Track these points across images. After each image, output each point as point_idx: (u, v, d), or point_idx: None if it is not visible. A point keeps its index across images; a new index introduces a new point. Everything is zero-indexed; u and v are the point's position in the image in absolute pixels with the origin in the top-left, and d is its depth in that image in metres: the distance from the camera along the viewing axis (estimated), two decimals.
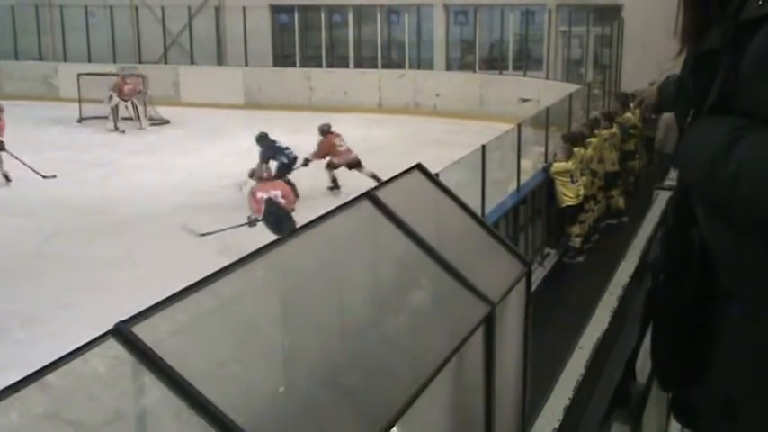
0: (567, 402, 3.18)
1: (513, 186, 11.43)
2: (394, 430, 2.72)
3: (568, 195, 12.29)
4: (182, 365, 2.21)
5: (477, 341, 3.57)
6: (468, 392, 3.67)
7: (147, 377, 2.20)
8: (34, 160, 17.39)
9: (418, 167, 4.16)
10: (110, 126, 21.18)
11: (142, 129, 21.39)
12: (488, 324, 3.62)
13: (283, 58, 26.42)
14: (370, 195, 3.52)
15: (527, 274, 4.35)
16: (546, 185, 12.49)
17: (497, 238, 4.44)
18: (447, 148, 13.62)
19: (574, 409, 3.16)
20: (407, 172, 4.06)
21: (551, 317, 8.02)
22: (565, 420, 3.05)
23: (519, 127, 11.66)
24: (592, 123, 14.35)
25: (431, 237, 3.69)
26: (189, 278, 2.62)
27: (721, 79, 1.24)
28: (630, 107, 14.52)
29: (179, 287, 2.48)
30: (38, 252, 11.91)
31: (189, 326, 2.43)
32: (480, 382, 3.69)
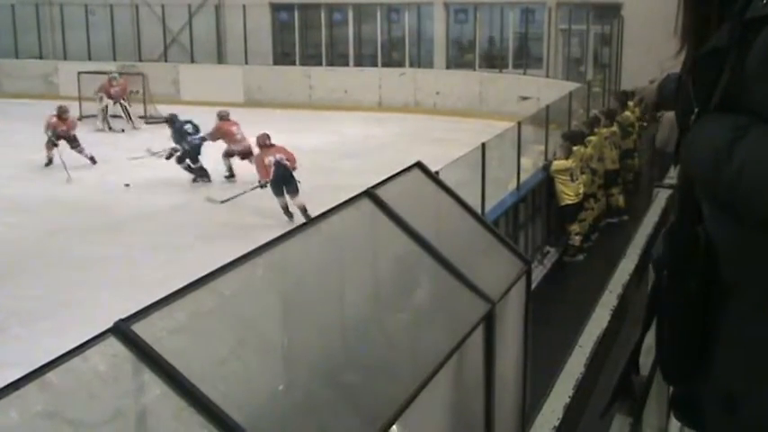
0: (567, 400, 3.18)
1: (513, 185, 11.43)
2: (394, 428, 2.72)
3: (568, 194, 12.28)
4: (181, 363, 2.21)
5: (477, 339, 3.57)
6: (468, 390, 3.67)
7: (147, 375, 2.20)
8: (35, 159, 17.38)
9: (418, 165, 4.16)
10: (99, 125, 21.26)
11: (135, 128, 21.34)
12: (488, 322, 3.62)
13: (283, 57, 26.41)
14: (369, 193, 3.53)
15: (527, 273, 4.35)
16: (546, 184, 12.48)
17: (497, 237, 4.44)
18: (447, 147, 13.61)
19: (574, 408, 3.16)
20: (407, 170, 4.06)
21: (551, 315, 8.02)
22: (565, 418, 3.04)
23: (519, 125, 11.65)
24: (592, 121, 14.34)
25: (431, 235, 3.69)
26: (188, 277, 2.62)
27: (726, 78, 1.24)
28: (630, 105, 14.51)
29: (178, 285, 2.48)
30: (37, 250, 11.91)
31: (188, 324, 2.43)
32: (480, 380, 3.69)
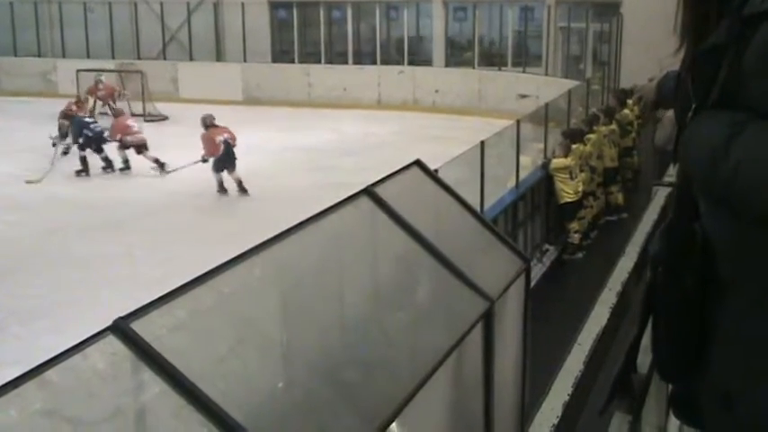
0: (567, 398, 3.19)
1: (513, 182, 11.43)
2: (393, 427, 2.73)
3: (567, 192, 12.28)
4: (181, 362, 2.21)
5: (476, 337, 3.57)
6: (467, 388, 3.67)
7: (146, 373, 2.20)
8: (33, 157, 17.37)
9: (417, 163, 4.16)
10: None
11: None
12: (487, 320, 3.62)
13: (282, 55, 26.41)
14: (369, 191, 3.52)
15: (526, 271, 4.35)
16: (545, 182, 12.48)
17: (496, 235, 4.44)
18: (446, 145, 13.61)
19: (573, 405, 3.17)
20: (406, 168, 4.06)
21: (550, 313, 8.03)
22: (564, 416, 3.05)
23: (518, 123, 11.65)
24: (591, 119, 14.34)
25: (430, 233, 3.69)
26: (188, 274, 2.62)
27: (725, 74, 1.25)
28: (628, 104, 14.51)
29: (178, 283, 2.48)
30: (37, 248, 11.91)
31: (188, 322, 2.43)
32: (479, 379, 3.69)
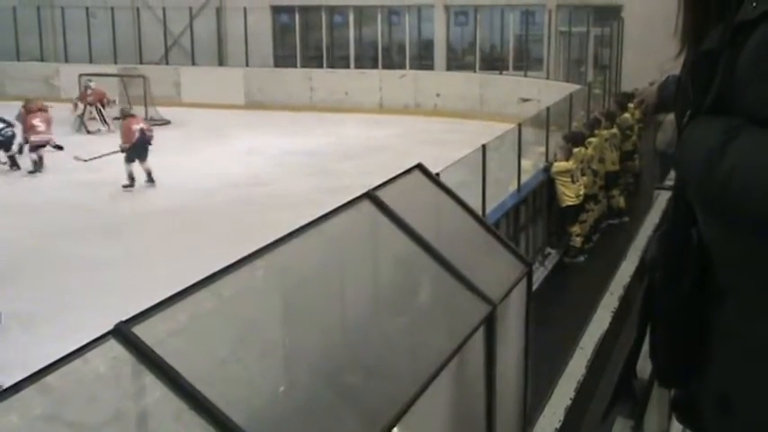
0: (569, 402, 3.18)
1: (514, 186, 11.42)
2: (395, 430, 2.72)
3: (569, 195, 12.27)
4: (182, 365, 2.21)
5: (478, 341, 3.57)
6: (469, 392, 3.67)
7: (148, 377, 2.20)
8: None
9: (419, 167, 4.16)
10: (76, 129, 21.68)
11: (111, 131, 21.26)
12: (489, 324, 3.62)
13: (284, 59, 26.42)
14: (370, 195, 3.52)
15: (528, 274, 4.35)
16: (547, 185, 12.48)
17: (498, 238, 4.44)
18: (447, 148, 13.61)
19: (575, 410, 3.16)
20: (408, 172, 4.06)
21: (552, 317, 8.02)
22: (566, 420, 3.05)
23: (519, 127, 11.65)
24: (592, 123, 14.34)
25: (431, 236, 3.69)
26: (189, 278, 2.62)
27: (719, 80, 1.25)
28: (629, 108, 14.51)
29: (179, 287, 2.48)
30: (37, 252, 11.91)
31: (189, 326, 2.43)
32: (481, 382, 3.68)
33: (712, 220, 1.30)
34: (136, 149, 15.99)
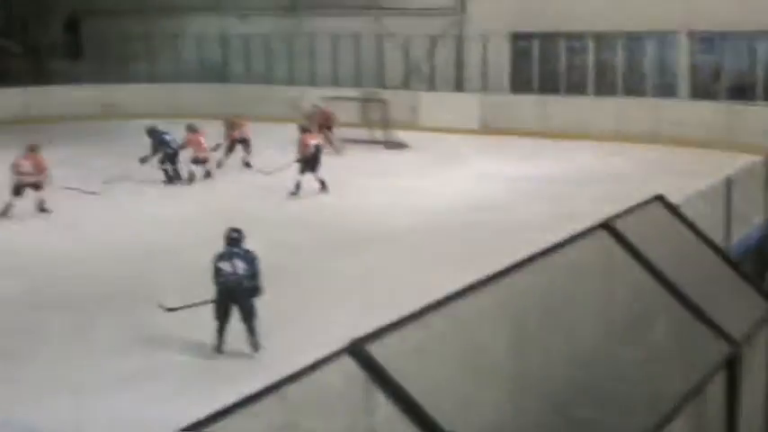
0: None
1: (760, 219, 10.79)
2: None
3: None
4: (413, 387, 2.23)
5: (718, 384, 3.38)
6: None
7: (379, 395, 2.24)
8: (272, 180, 18.25)
9: (659, 198, 4.02)
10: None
11: (339, 154, 21.39)
12: (732, 365, 3.42)
13: (521, 85, 26.39)
14: (607, 226, 3.44)
15: None
16: None
17: (742, 275, 4.20)
18: (689, 179, 13.04)
19: None
20: (647, 203, 3.93)
21: None
22: None
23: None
24: None
25: (670, 270, 3.54)
26: (422, 300, 2.65)
27: None
28: None
29: (411, 308, 2.51)
30: (279, 266, 12.49)
31: (421, 347, 2.46)
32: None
33: None
34: (309, 163, 17.19)
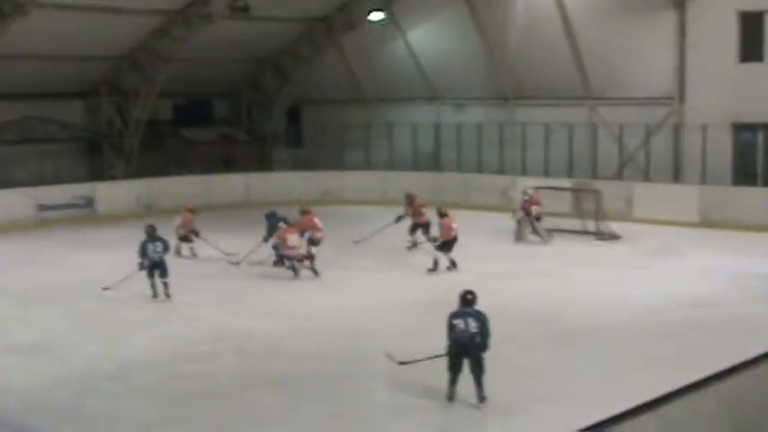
0: None
1: None
2: None
3: None
4: None
5: None
6: None
7: None
8: (476, 270, 18.28)
9: None
10: (515, 237, 22.46)
11: (544, 243, 21.84)
12: None
13: (744, 177, 25.26)
14: None
15: None
16: None
17: None
18: None
19: None
20: None
21: None
22: None
23: None
24: None
25: None
26: (633, 399, 2.59)
27: None
28: None
29: (623, 407, 2.47)
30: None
31: None
32: None
33: None
34: (448, 244, 18.62)
